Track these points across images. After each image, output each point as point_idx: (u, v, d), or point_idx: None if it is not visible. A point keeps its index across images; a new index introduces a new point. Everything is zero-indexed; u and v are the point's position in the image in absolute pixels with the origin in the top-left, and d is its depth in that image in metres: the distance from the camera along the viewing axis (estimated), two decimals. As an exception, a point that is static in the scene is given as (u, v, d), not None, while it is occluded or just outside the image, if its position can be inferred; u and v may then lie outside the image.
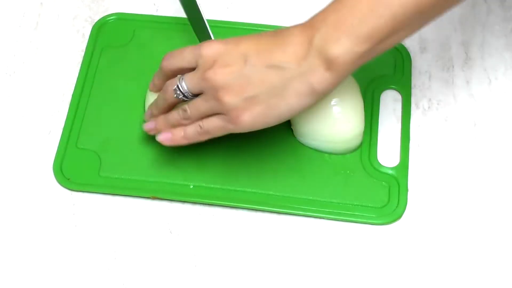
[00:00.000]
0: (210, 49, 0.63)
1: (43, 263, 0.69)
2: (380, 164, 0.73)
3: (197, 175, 0.73)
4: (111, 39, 0.82)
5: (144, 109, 0.75)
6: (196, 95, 0.65)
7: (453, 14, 0.83)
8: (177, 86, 0.65)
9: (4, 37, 0.83)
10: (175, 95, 0.66)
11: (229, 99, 0.62)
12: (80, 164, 0.74)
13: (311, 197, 0.71)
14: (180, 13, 0.78)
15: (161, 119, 0.68)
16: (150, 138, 0.73)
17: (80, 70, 0.79)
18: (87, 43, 0.81)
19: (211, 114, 0.64)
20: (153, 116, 0.70)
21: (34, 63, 0.81)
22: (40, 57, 0.81)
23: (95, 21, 0.83)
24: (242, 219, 0.71)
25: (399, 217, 0.70)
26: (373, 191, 0.72)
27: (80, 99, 0.77)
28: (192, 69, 0.65)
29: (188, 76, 0.65)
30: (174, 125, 0.67)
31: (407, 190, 0.72)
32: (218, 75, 0.62)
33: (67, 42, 0.82)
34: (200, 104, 0.64)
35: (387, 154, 0.74)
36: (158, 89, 0.71)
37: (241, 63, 0.61)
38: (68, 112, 0.76)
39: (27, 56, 0.81)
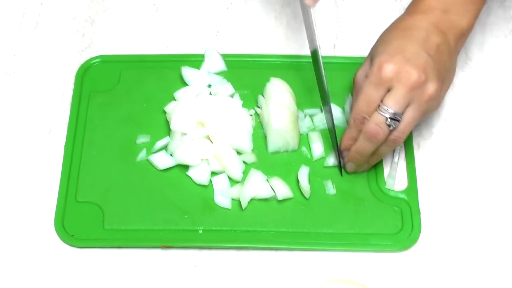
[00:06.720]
0: (390, 68, 0.65)
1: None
2: (388, 188, 0.72)
3: (206, 219, 0.70)
4: (97, 83, 0.79)
5: (134, 152, 0.73)
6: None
7: (453, 14, 0.83)
8: (387, 118, 0.66)
9: (4, 37, 0.83)
10: (390, 127, 0.66)
11: (435, 90, 0.66)
12: (83, 219, 0.71)
13: (324, 231, 0.70)
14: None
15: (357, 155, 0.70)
16: (153, 185, 0.72)
17: (69, 119, 0.76)
18: (73, 89, 0.78)
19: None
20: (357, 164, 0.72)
21: (34, 63, 0.81)
22: (40, 57, 0.81)
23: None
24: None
25: (415, 241, 0.69)
26: (386, 217, 0.70)
27: (73, 151, 0.74)
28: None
29: (391, 100, 0.65)
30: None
31: (419, 212, 0.70)
32: (419, 78, 0.65)
33: (67, 42, 0.82)
34: (411, 115, 0.66)
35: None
36: (354, 141, 0.70)
37: (423, 59, 0.66)
38: (62, 166, 0.74)
39: (27, 56, 0.81)
